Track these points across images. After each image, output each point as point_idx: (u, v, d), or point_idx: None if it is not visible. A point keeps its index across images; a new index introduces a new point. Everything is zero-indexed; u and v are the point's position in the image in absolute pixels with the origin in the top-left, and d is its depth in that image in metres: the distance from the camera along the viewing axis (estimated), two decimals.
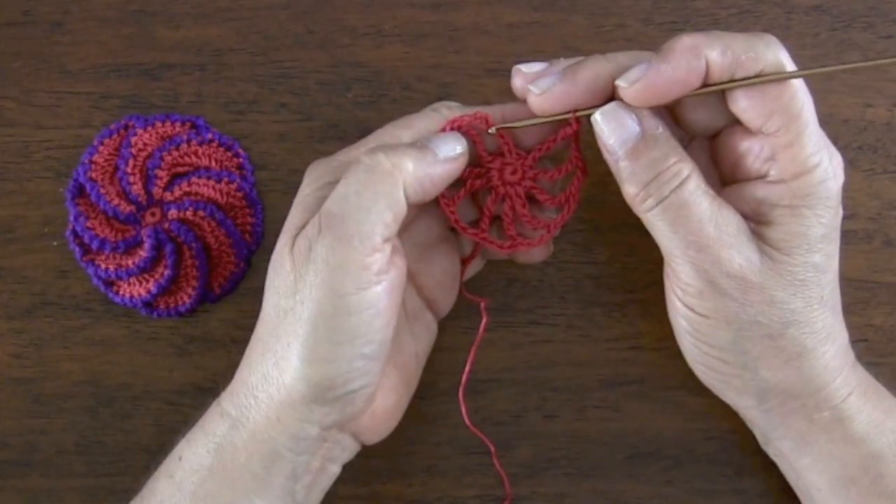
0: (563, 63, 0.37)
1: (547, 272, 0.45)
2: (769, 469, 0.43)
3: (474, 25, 0.47)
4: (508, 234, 0.39)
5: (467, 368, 0.41)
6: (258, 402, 0.37)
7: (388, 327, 0.37)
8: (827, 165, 0.36)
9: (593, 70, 0.36)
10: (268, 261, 0.45)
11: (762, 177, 0.37)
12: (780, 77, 0.34)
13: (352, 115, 0.46)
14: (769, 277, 0.36)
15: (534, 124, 0.38)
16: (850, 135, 0.46)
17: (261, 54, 0.47)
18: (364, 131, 0.46)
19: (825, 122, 0.46)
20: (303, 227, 0.37)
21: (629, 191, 0.36)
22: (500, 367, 0.45)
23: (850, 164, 0.46)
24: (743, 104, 0.35)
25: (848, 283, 0.45)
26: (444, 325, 0.44)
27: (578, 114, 0.37)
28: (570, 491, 0.44)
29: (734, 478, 0.44)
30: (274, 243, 0.45)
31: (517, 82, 0.38)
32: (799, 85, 0.35)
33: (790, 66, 0.35)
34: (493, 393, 0.45)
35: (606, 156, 0.37)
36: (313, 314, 0.36)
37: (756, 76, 0.35)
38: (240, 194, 0.46)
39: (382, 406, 0.39)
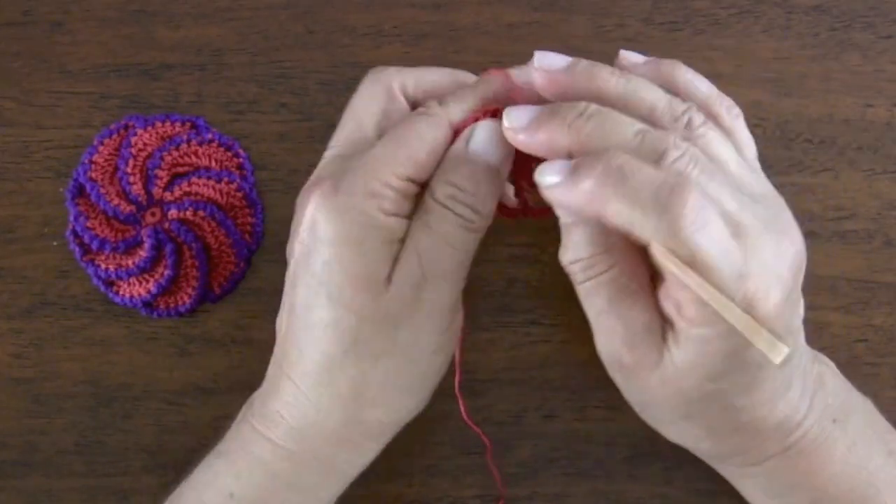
0: (580, 65, 0.36)
1: (547, 272, 0.45)
2: None
3: (474, 25, 0.47)
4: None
5: (458, 361, 0.41)
6: (333, 442, 0.37)
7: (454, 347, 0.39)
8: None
9: (553, 133, 0.34)
10: (268, 261, 0.45)
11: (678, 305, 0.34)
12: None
13: None
14: (664, 384, 0.35)
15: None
16: (850, 135, 0.46)
17: (261, 54, 0.47)
18: None
19: (825, 122, 0.46)
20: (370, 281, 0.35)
21: (560, 259, 0.37)
22: (500, 367, 0.45)
23: (850, 164, 0.46)
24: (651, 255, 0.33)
25: (848, 283, 0.45)
26: None
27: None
28: (570, 491, 0.44)
29: None
30: (274, 243, 0.45)
31: (532, 72, 0.37)
32: (699, 254, 0.31)
33: (688, 236, 0.31)
34: (493, 393, 0.45)
35: None
36: (415, 359, 0.37)
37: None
38: (240, 194, 0.46)
39: None
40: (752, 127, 0.46)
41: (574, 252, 0.36)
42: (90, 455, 0.45)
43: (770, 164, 0.45)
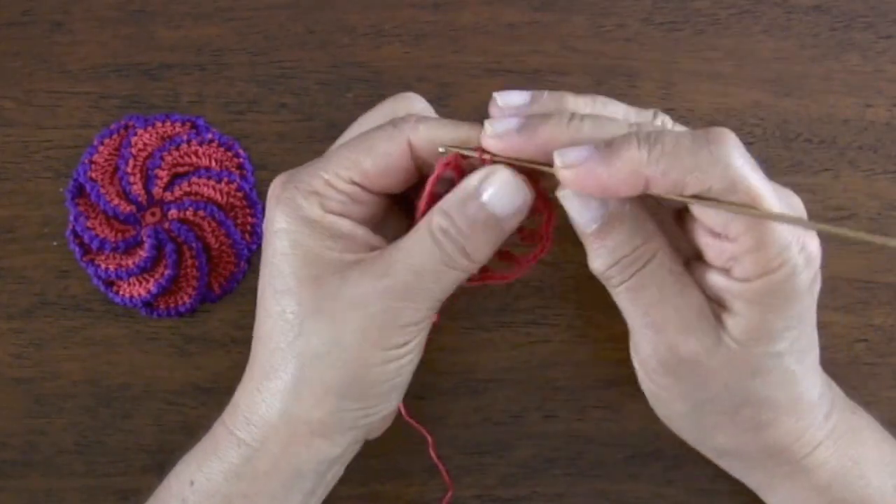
0: (542, 99, 0.36)
1: (547, 272, 0.45)
2: None
3: (474, 25, 0.47)
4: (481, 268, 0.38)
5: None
6: (279, 435, 0.37)
7: (419, 355, 0.38)
8: (796, 260, 0.33)
9: (552, 133, 0.34)
10: None
11: (725, 269, 0.34)
12: (740, 210, 0.32)
13: (352, 115, 0.46)
14: (725, 364, 0.35)
15: (513, 162, 0.35)
16: (850, 135, 0.46)
17: (261, 54, 0.47)
18: None
19: (825, 122, 0.46)
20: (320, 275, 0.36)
21: (594, 267, 0.36)
22: (500, 367, 0.45)
23: (849, 164, 0.46)
24: (698, 212, 0.34)
25: (848, 283, 0.45)
26: (444, 325, 0.44)
27: (535, 167, 0.35)
28: (570, 491, 0.44)
29: (734, 478, 0.44)
30: None
31: (492, 111, 0.36)
32: (757, 189, 0.32)
33: (742, 169, 0.32)
34: (493, 393, 0.45)
35: (575, 228, 0.36)
36: (359, 365, 0.35)
37: (699, 196, 0.32)
38: (240, 194, 0.46)
39: None
40: (752, 127, 0.46)
41: (615, 251, 0.35)
42: (90, 455, 0.45)
43: (770, 164, 0.45)
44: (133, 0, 0.47)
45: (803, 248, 0.33)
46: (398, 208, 0.39)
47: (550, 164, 0.34)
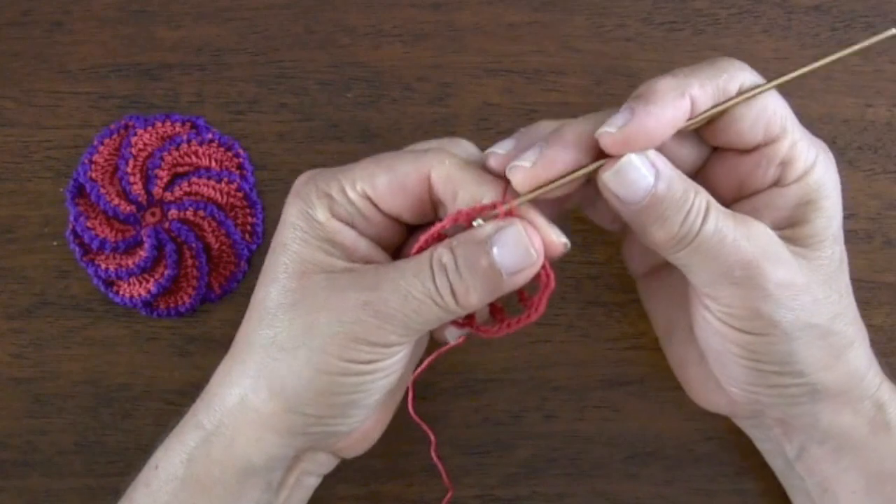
0: (531, 131, 0.36)
1: None
2: (769, 469, 0.43)
3: (474, 25, 0.47)
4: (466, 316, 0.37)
5: (424, 365, 0.40)
6: (235, 421, 0.36)
7: (399, 381, 0.37)
8: (823, 155, 0.37)
9: (579, 128, 0.35)
10: None
11: (775, 184, 0.36)
12: (756, 92, 0.35)
13: (352, 115, 0.46)
14: (809, 275, 0.36)
15: (551, 188, 0.35)
16: (850, 135, 0.46)
17: (261, 54, 0.47)
18: (364, 131, 0.46)
19: (825, 122, 0.46)
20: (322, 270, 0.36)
21: (659, 237, 0.35)
22: (500, 367, 0.45)
23: (850, 164, 0.46)
24: (740, 126, 0.35)
25: None
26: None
27: (567, 179, 0.34)
28: (570, 491, 0.44)
29: (734, 478, 0.44)
30: None
31: (493, 164, 0.36)
32: (773, 91, 0.36)
33: (758, 77, 0.36)
34: (493, 393, 0.45)
35: (620, 209, 0.35)
36: (319, 369, 0.35)
37: (735, 96, 0.35)
38: (240, 194, 0.46)
39: (361, 428, 0.39)
40: None
41: (677, 211, 0.34)
42: (90, 455, 0.45)
43: None
44: (133, 0, 0.47)
45: (821, 147, 0.37)
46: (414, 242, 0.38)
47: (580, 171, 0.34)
